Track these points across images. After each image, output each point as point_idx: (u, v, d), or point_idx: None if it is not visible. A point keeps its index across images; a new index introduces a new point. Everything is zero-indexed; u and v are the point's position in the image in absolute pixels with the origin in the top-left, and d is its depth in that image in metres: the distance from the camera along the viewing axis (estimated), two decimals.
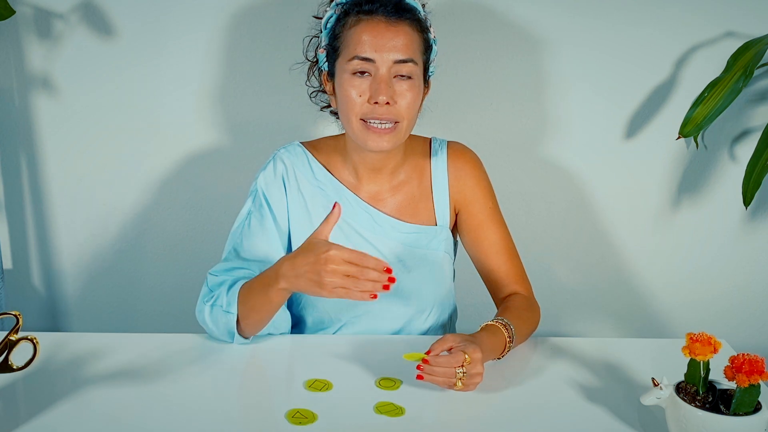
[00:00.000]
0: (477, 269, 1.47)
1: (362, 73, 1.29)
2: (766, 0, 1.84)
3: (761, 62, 1.71)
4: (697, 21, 1.86)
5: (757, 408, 0.99)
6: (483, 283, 1.49)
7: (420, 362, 1.15)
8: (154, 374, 1.23)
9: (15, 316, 1.08)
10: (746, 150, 1.90)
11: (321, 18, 1.38)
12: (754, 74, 1.72)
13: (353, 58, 1.28)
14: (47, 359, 1.27)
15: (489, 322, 1.28)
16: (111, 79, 1.92)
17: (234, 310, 1.28)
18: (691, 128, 1.72)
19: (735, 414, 0.99)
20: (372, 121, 1.29)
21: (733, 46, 1.76)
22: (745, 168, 1.72)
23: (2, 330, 1.33)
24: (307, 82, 1.45)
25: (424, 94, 1.37)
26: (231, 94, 1.93)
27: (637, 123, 1.94)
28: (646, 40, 1.87)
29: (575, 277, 2.06)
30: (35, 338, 1.08)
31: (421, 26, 1.32)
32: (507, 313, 1.34)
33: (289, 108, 1.94)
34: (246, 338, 1.32)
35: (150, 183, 1.99)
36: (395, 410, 1.14)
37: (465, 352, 1.14)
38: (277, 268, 1.23)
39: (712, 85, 1.71)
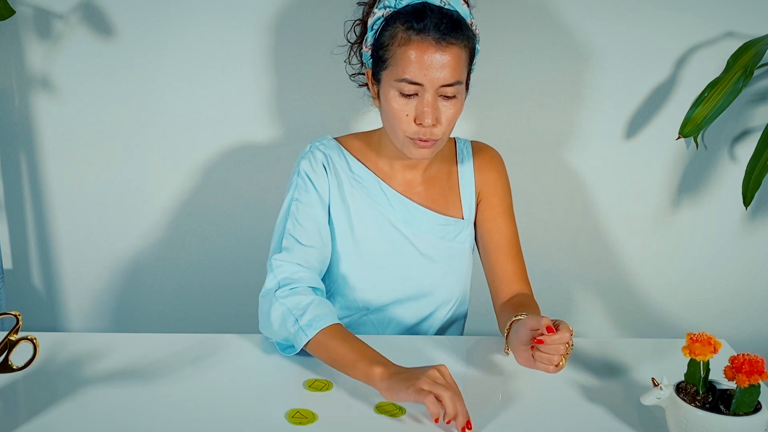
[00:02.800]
0: (483, 263, 1.49)
1: (409, 94, 1.29)
2: (766, 0, 1.84)
3: (761, 62, 1.71)
4: (697, 21, 1.86)
5: (757, 408, 0.99)
6: (485, 285, 1.50)
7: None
8: (154, 374, 1.23)
9: (15, 316, 1.08)
10: (746, 150, 1.90)
11: (365, 3, 1.37)
12: (754, 74, 1.72)
13: (402, 80, 1.28)
14: (47, 359, 1.27)
15: (520, 317, 1.27)
16: (111, 79, 1.91)
17: (311, 334, 1.23)
18: (691, 128, 1.72)
19: (735, 414, 0.99)
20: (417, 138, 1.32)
21: (733, 46, 1.76)
22: (745, 168, 1.72)
23: (2, 330, 1.33)
24: (347, 60, 1.44)
25: (466, 95, 1.37)
26: (232, 96, 1.93)
27: (637, 123, 1.94)
28: (646, 40, 1.87)
29: (575, 277, 2.06)
30: (35, 338, 1.08)
31: (469, 39, 1.31)
32: (527, 310, 1.34)
33: (294, 110, 1.94)
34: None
35: (150, 183, 1.99)
36: (395, 410, 1.14)
37: (567, 326, 1.16)
38: (382, 361, 1.18)
39: (712, 85, 1.71)
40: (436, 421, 1.08)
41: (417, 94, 1.29)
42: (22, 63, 1.91)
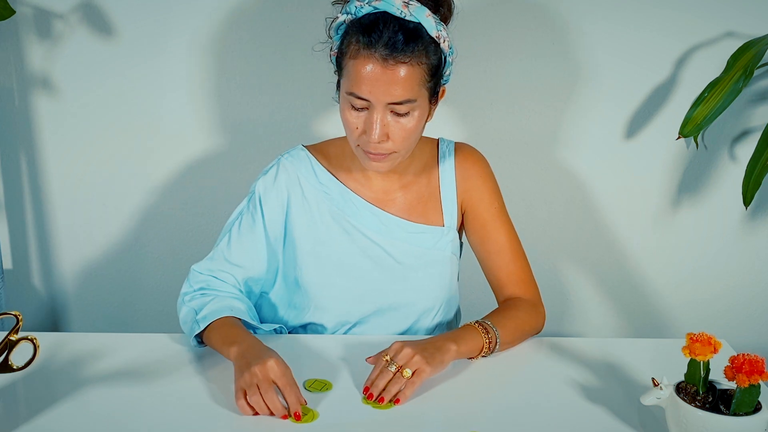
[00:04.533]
0: (482, 270, 1.48)
1: (359, 108, 1.26)
2: (766, 0, 1.85)
3: (761, 62, 1.71)
4: (697, 21, 1.86)
5: (757, 408, 0.99)
6: (483, 284, 1.50)
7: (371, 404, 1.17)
8: (154, 374, 1.23)
9: (15, 316, 1.08)
10: (746, 150, 1.90)
11: (341, 2, 1.32)
12: (754, 74, 1.72)
13: (350, 93, 1.24)
14: (47, 359, 1.27)
15: (467, 323, 1.31)
16: (111, 79, 1.92)
17: (203, 325, 1.28)
18: (691, 128, 1.72)
19: (735, 414, 0.99)
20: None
21: (733, 46, 1.76)
22: (745, 168, 1.72)
23: (2, 330, 1.33)
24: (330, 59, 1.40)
25: (433, 108, 1.32)
26: (232, 95, 1.93)
27: (637, 123, 1.94)
28: (646, 40, 1.87)
29: (575, 277, 2.06)
30: (35, 338, 1.08)
31: (427, 54, 1.23)
32: (493, 315, 1.35)
33: (290, 109, 1.94)
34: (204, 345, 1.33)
35: (150, 183, 1.99)
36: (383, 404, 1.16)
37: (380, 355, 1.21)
38: (239, 338, 1.22)
39: (712, 85, 1.71)
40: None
41: (367, 108, 1.25)
42: (22, 63, 1.91)
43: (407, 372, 1.16)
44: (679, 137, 1.74)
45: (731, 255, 2.02)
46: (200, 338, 1.31)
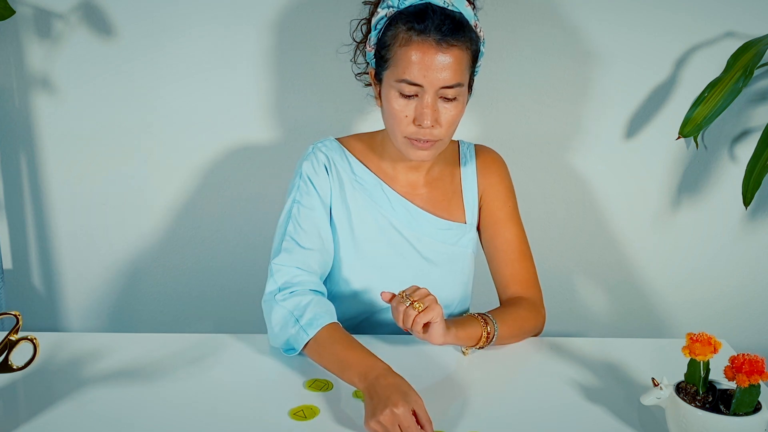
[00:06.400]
0: (489, 268, 1.50)
1: (409, 95, 1.29)
2: (766, 0, 1.85)
3: (761, 62, 1.71)
4: (697, 21, 1.86)
5: (757, 408, 0.99)
6: (492, 293, 1.50)
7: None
8: (154, 374, 1.23)
9: (15, 316, 1.08)
10: (746, 150, 1.90)
11: (371, 2, 1.36)
12: (754, 74, 1.72)
13: (402, 80, 1.28)
14: (47, 359, 1.27)
15: (469, 314, 1.33)
16: (111, 79, 1.92)
17: (312, 333, 1.25)
18: (691, 128, 1.72)
19: (735, 414, 0.99)
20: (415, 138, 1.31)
21: (733, 46, 1.76)
22: (745, 168, 1.72)
23: (2, 330, 1.33)
24: (353, 59, 1.44)
25: (468, 98, 1.36)
26: (232, 95, 1.93)
27: (637, 123, 1.94)
28: (646, 40, 1.88)
29: (575, 277, 2.06)
30: (35, 338, 1.08)
31: (471, 41, 1.30)
32: (495, 310, 1.37)
33: (291, 109, 1.94)
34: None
35: (150, 183, 1.99)
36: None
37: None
38: (366, 367, 1.17)
39: (712, 85, 1.71)
40: None
41: (417, 95, 1.29)
42: (22, 63, 1.91)
43: (419, 305, 1.18)
44: (679, 137, 1.74)
45: (731, 255, 2.02)
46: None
